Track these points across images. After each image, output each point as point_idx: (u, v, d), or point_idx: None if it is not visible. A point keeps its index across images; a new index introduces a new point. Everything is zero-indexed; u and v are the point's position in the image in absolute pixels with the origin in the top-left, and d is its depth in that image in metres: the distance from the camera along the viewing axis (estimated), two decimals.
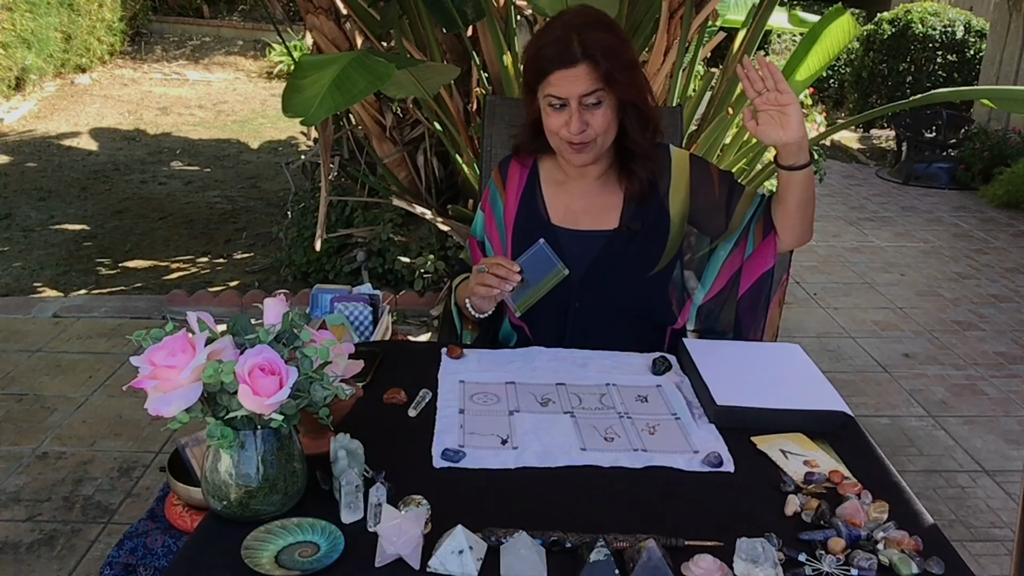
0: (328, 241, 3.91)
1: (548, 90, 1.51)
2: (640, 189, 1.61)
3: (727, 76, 3.31)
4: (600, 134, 1.53)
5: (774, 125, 1.47)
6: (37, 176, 6.09)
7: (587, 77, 1.48)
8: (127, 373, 3.16)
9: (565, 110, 1.51)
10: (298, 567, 0.97)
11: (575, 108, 1.50)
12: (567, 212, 1.66)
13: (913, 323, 4.04)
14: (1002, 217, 6.08)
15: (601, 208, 1.65)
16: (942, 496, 2.62)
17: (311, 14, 3.37)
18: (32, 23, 7.76)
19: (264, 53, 9.87)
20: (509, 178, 1.72)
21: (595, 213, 1.65)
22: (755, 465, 1.22)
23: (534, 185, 1.69)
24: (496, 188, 1.73)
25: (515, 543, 0.98)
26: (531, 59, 1.56)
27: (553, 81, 1.50)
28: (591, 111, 1.51)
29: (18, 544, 2.27)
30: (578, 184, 1.66)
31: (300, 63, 2.06)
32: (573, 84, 1.48)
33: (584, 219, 1.65)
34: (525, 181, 1.69)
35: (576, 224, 1.64)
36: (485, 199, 1.76)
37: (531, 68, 1.56)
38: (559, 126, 1.53)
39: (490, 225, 1.73)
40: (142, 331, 1.02)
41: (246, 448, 1.03)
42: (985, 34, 8.17)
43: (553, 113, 1.53)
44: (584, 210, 1.65)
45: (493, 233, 1.72)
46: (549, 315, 1.63)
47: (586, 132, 1.51)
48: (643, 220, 1.62)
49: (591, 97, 1.49)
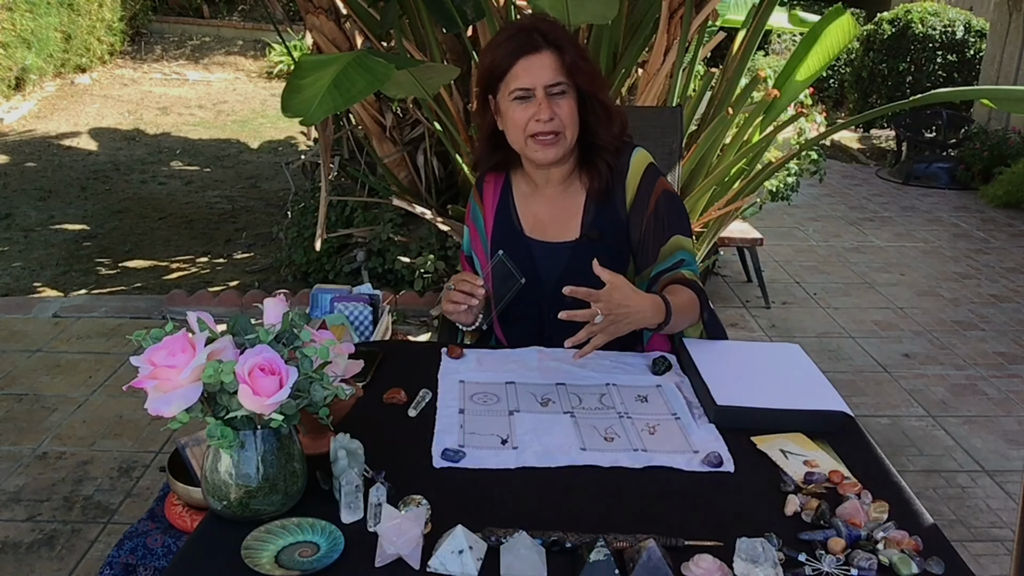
0: (328, 241, 3.91)
1: (513, 84, 1.51)
2: (601, 185, 1.59)
3: (727, 76, 3.31)
4: (567, 126, 1.53)
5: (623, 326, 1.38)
6: (37, 176, 6.09)
7: (552, 66, 1.50)
8: (127, 373, 3.16)
9: (531, 102, 1.51)
10: (298, 567, 0.97)
11: (542, 96, 1.50)
12: (536, 222, 1.65)
13: (913, 323, 4.04)
14: (1002, 217, 6.08)
15: (563, 216, 1.63)
16: (942, 496, 2.62)
17: (311, 14, 3.37)
18: (32, 23, 7.77)
19: (264, 53, 9.87)
20: (485, 193, 1.72)
21: (559, 222, 1.64)
22: (755, 465, 1.22)
23: (507, 198, 1.69)
24: (476, 204, 1.74)
25: (515, 543, 0.98)
26: (489, 64, 1.55)
27: (518, 72, 1.50)
28: (556, 101, 1.51)
29: (18, 544, 2.27)
30: (544, 192, 1.65)
31: (300, 63, 2.06)
32: (539, 72, 1.50)
33: (550, 229, 1.64)
34: (499, 194, 1.69)
35: (544, 235, 1.64)
36: (468, 215, 1.77)
37: (489, 72, 1.55)
38: (526, 119, 1.51)
39: (475, 240, 1.74)
40: (142, 331, 1.03)
41: (246, 448, 1.03)
42: (985, 34, 8.17)
43: (519, 107, 1.52)
44: (550, 219, 1.64)
45: (478, 247, 1.73)
46: (527, 327, 1.63)
47: (555, 121, 1.51)
48: (601, 227, 1.61)
49: (556, 88, 1.50)
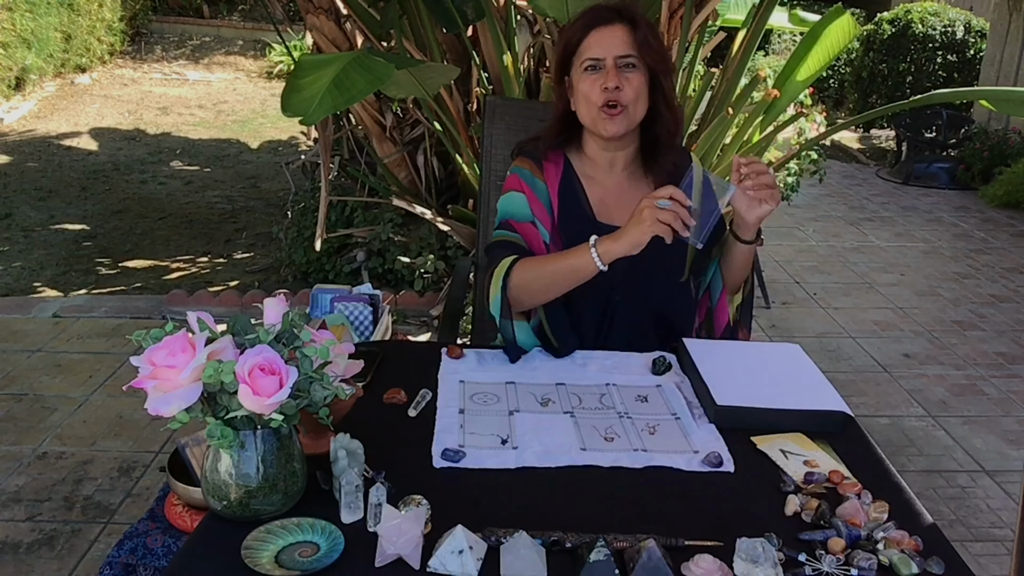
0: (328, 241, 3.91)
1: (586, 55, 1.55)
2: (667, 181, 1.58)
3: (727, 76, 3.30)
4: (632, 100, 1.55)
5: (756, 204, 1.51)
6: (37, 176, 6.09)
7: (624, 39, 1.54)
8: (127, 373, 3.16)
9: (601, 72, 1.54)
10: (298, 567, 0.97)
11: (611, 66, 1.54)
12: (601, 206, 1.65)
13: (913, 323, 4.04)
14: (1002, 217, 6.08)
15: (632, 203, 1.58)
16: (942, 496, 2.62)
17: (311, 14, 3.37)
18: (32, 23, 7.76)
19: (264, 53, 9.87)
20: (547, 169, 1.66)
21: (627, 209, 1.58)
22: (755, 465, 1.22)
23: (571, 179, 1.66)
24: (530, 172, 1.66)
25: (515, 543, 0.98)
26: (565, 41, 1.60)
27: (591, 43, 1.55)
28: (626, 75, 1.54)
29: (18, 544, 2.26)
30: (608, 178, 1.66)
31: (300, 63, 2.06)
32: (611, 43, 1.54)
33: (617, 215, 1.61)
34: (561, 174, 1.67)
35: (611, 219, 1.62)
36: (517, 182, 1.66)
37: (564, 49, 1.59)
38: (595, 89, 1.55)
39: (536, 205, 1.64)
40: (142, 331, 1.02)
41: (246, 448, 1.03)
42: (985, 34, 8.17)
43: (589, 78, 1.55)
44: (616, 205, 1.64)
45: (543, 212, 1.64)
46: (591, 310, 1.62)
47: (622, 92, 1.54)
48: None
49: (626, 60, 1.54)
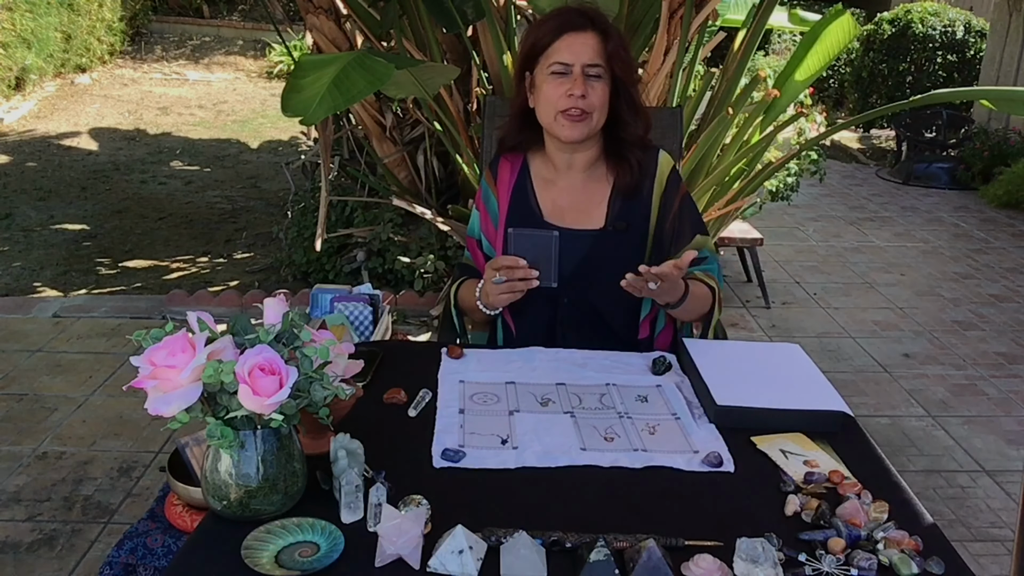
0: (328, 241, 3.91)
1: (553, 58, 1.55)
2: (630, 179, 1.62)
3: (727, 76, 3.30)
4: (597, 109, 1.55)
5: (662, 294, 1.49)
6: (37, 176, 6.09)
7: (594, 47, 1.54)
8: (127, 373, 3.16)
9: (567, 78, 1.54)
10: (298, 567, 0.97)
11: (579, 73, 1.53)
12: (554, 208, 1.66)
13: (913, 323, 4.04)
14: (1002, 217, 6.08)
15: (586, 204, 1.65)
16: (942, 496, 2.62)
17: (311, 14, 3.37)
18: (32, 23, 7.76)
19: (264, 53, 9.87)
20: (500, 175, 1.72)
21: (580, 210, 1.65)
22: (755, 465, 1.22)
23: (525, 181, 1.69)
24: (488, 186, 1.74)
25: (515, 543, 0.98)
26: (533, 39, 1.59)
27: (560, 47, 1.54)
28: (591, 83, 1.54)
29: (18, 544, 2.26)
30: (566, 179, 1.67)
31: (300, 63, 2.06)
32: (581, 50, 1.53)
33: (569, 216, 1.65)
34: (516, 177, 1.70)
35: (563, 221, 1.64)
36: (478, 198, 1.78)
37: (532, 46, 1.59)
38: (560, 95, 1.54)
39: (486, 222, 1.74)
40: (142, 331, 1.02)
41: (246, 448, 1.03)
42: (985, 34, 8.17)
43: (554, 82, 1.55)
44: (570, 206, 1.65)
45: (490, 229, 1.73)
46: (540, 311, 1.64)
47: (586, 100, 1.53)
48: (628, 219, 1.63)
49: (594, 69, 1.54)
